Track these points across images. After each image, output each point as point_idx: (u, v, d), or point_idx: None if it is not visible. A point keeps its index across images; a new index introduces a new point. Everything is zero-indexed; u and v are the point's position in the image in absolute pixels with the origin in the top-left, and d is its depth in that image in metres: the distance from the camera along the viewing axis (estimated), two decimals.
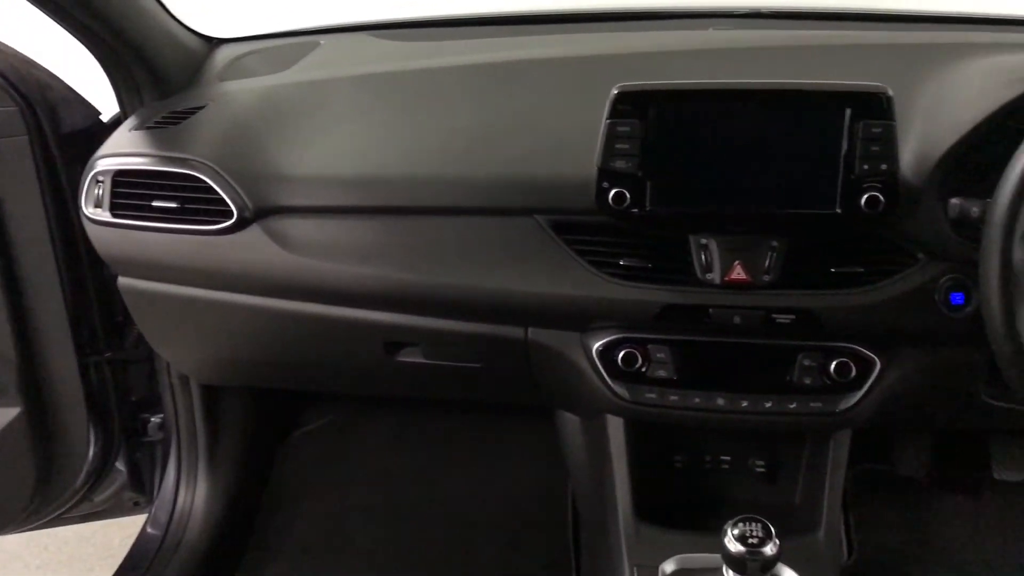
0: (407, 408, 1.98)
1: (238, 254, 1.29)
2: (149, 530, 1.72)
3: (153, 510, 1.73)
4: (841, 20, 1.55)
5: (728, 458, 1.38)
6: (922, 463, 1.79)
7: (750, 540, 1.00)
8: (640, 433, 1.31)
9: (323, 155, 1.29)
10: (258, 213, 1.27)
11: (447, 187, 1.23)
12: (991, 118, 1.09)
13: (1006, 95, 1.08)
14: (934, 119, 1.15)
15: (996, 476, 1.78)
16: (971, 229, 1.01)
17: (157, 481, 1.75)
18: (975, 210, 1.03)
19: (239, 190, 1.27)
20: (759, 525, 1.01)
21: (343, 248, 1.26)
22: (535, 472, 1.86)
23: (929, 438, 1.78)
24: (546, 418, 1.63)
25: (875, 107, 1.08)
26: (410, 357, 1.37)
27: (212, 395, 1.73)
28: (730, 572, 1.05)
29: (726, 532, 1.02)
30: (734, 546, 1.01)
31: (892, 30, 1.48)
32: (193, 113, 1.38)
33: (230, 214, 1.27)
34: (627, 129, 1.12)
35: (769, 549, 1.00)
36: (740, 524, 1.02)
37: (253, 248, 1.28)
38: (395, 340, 1.35)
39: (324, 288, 1.28)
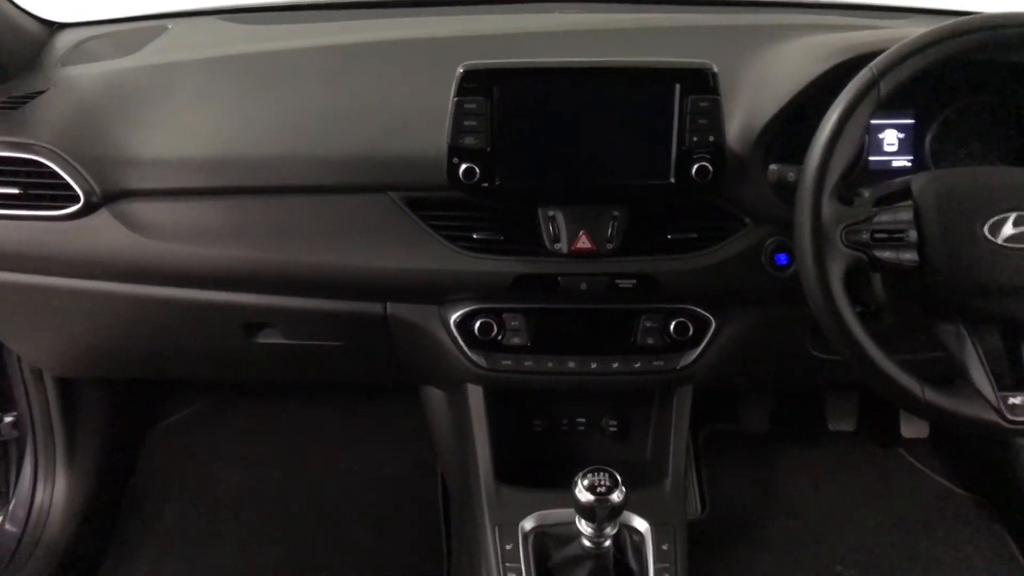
0: (272, 395, 1.98)
1: (87, 239, 1.27)
2: (7, 527, 1.66)
3: (10, 508, 1.68)
4: (675, 3, 1.64)
5: (583, 420, 1.45)
6: (764, 420, 1.92)
7: (598, 489, 1.07)
8: (499, 400, 1.37)
9: (171, 137, 1.28)
10: (106, 197, 1.26)
11: (299, 166, 1.25)
12: (805, 91, 1.18)
13: (817, 70, 1.19)
14: (756, 94, 1.24)
15: (831, 428, 1.93)
16: (789, 193, 1.10)
17: (13, 479, 1.69)
18: (791, 175, 1.12)
19: (85, 174, 1.25)
20: (606, 475, 1.08)
21: (196, 230, 1.26)
22: (403, 451, 1.90)
23: (769, 397, 1.92)
24: (411, 398, 1.67)
25: (702, 83, 1.16)
26: (270, 338, 1.38)
27: (68, 388, 1.69)
28: (582, 521, 1.11)
29: (576, 483, 1.08)
30: (584, 496, 1.07)
31: (721, 13, 1.58)
32: (34, 97, 1.34)
33: (76, 199, 1.25)
34: (474, 107, 1.16)
35: (616, 496, 1.07)
36: (589, 475, 1.08)
37: (102, 233, 1.26)
38: (253, 321, 1.35)
39: (178, 271, 1.28)
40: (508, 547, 1.24)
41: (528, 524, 1.26)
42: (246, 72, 1.37)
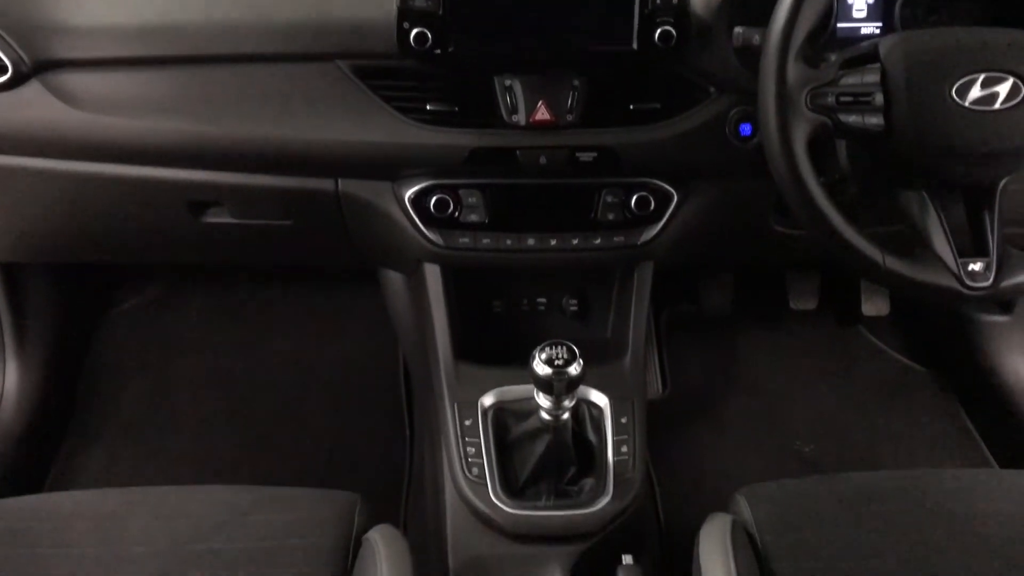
0: (228, 281, 1.94)
1: (18, 113, 1.20)
2: None
3: None
4: None
5: (543, 300, 1.43)
6: (726, 301, 1.92)
7: (556, 362, 1.05)
8: (457, 279, 1.34)
9: (105, 3, 1.20)
10: (36, 67, 1.18)
11: (241, 33, 1.18)
12: None
13: None
14: None
15: (792, 307, 1.93)
16: (754, 58, 1.06)
17: None
18: (756, 38, 1.07)
19: (12, 42, 1.17)
20: (564, 348, 1.07)
21: (133, 102, 1.19)
22: (364, 336, 1.88)
23: (731, 278, 1.91)
24: (370, 283, 1.64)
25: None
26: (217, 218, 1.33)
27: (14, 275, 1.64)
28: (540, 395, 1.10)
29: (534, 357, 1.07)
30: (541, 369, 1.06)
31: None
32: None
33: (4, 69, 1.17)
34: None
35: (574, 369, 1.06)
36: (547, 348, 1.07)
37: (35, 105, 1.19)
38: (199, 199, 1.31)
39: (116, 146, 1.22)
40: (467, 423, 1.23)
41: (487, 400, 1.25)
42: None
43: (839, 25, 1.29)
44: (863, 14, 1.29)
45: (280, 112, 1.19)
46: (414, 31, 1.11)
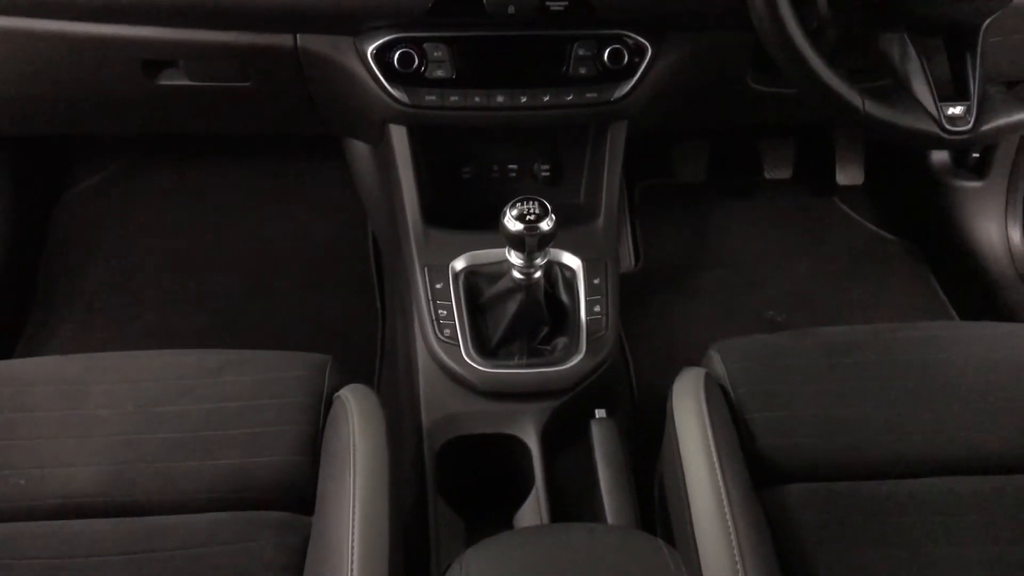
0: (189, 157, 1.88)
1: None
2: None
3: None
4: None
5: (515, 166, 1.39)
6: (701, 170, 1.90)
7: (528, 218, 1.03)
8: (425, 142, 1.30)
9: None
10: None
11: None
12: None
13: None
14: None
15: (767, 176, 1.91)
16: None
17: None
18: None
19: None
20: (536, 203, 1.04)
21: None
22: (332, 212, 1.83)
23: (706, 146, 1.88)
24: (337, 156, 1.59)
25: None
26: (173, 79, 1.27)
27: None
28: (512, 252, 1.08)
29: (505, 213, 1.04)
30: (513, 225, 1.03)
31: None
32: None
33: None
34: None
35: (545, 225, 1.03)
36: (518, 204, 1.04)
37: None
38: (153, 58, 1.24)
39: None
40: (438, 286, 1.21)
41: (458, 264, 1.23)
42: None
43: None
44: None
45: None
46: None
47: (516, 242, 1.05)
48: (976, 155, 1.76)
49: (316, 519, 0.92)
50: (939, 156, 1.80)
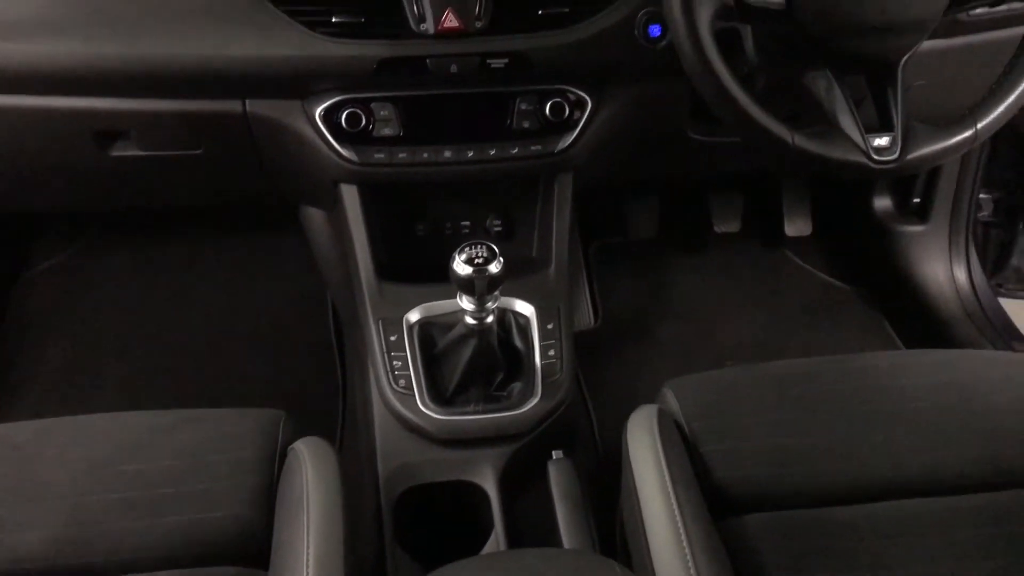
0: (150, 234, 1.89)
1: None
2: None
3: None
4: None
5: (467, 223, 1.42)
6: (652, 226, 1.94)
7: (476, 261, 1.05)
8: (377, 200, 1.32)
9: None
10: None
11: None
12: None
13: None
14: None
15: (717, 230, 1.96)
16: None
17: None
18: None
19: None
20: (484, 247, 1.06)
21: (25, 24, 1.14)
22: (290, 283, 1.84)
23: (656, 202, 1.93)
24: (292, 227, 1.61)
25: None
26: (125, 150, 1.29)
27: None
28: (463, 298, 1.10)
29: (454, 258, 1.06)
30: (462, 268, 1.05)
31: None
32: None
33: None
34: None
35: (494, 268, 1.05)
36: (467, 249, 1.06)
37: None
38: (105, 129, 1.26)
39: (13, 72, 1.17)
40: (393, 338, 1.22)
41: (413, 316, 1.24)
42: None
43: None
44: None
45: (182, 30, 1.16)
46: None
47: (466, 286, 1.07)
48: (917, 200, 1.82)
49: (271, 573, 0.90)
50: (882, 203, 1.86)
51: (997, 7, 1.21)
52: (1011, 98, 1.03)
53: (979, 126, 1.04)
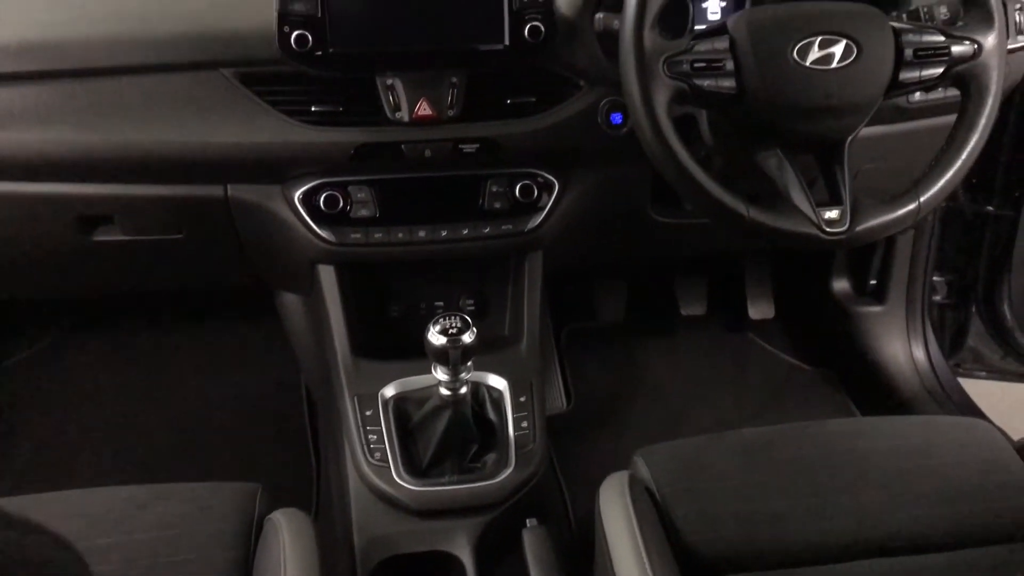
0: (123, 325, 1.91)
1: None
2: None
3: None
4: None
5: (441, 302, 1.46)
6: (620, 309, 1.99)
7: (450, 331, 1.09)
8: (353, 281, 1.36)
9: None
10: None
11: (124, 47, 1.20)
12: None
13: None
14: None
15: (683, 313, 2.01)
16: (615, 43, 1.13)
17: None
18: (616, 22, 1.16)
19: None
20: (458, 318, 1.10)
21: (16, 115, 1.20)
22: (264, 372, 1.86)
23: (624, 286, 1.98)
24: (269, 319, 1.64)
25: None
26: (107, 235, 1.33)
27: None
28: (438, 368, 1.13)
29: (429, 329, 1.10)
30: (436, 339, 1.09)
31: None
32: None
33: None
34: None
35: (467, 337, 1.09)
36: (441, 320, 1.10)
37: None
38: (88, 214, 1.30)
39: (3, 160, 1.21)
40: (368, 413, 1.24)
41: (388, 392, 1.27)
42: None
43: (696, 27, 1.39)
44: (717, 15, 1.40)
45: (167, 120, 1.21)
46: (295, 34, 1.15)
47: (440, 356, 1.10)
48: (873, 282, 1.89)
49: None
50: (841, 285, 1.93)
51: (932, 94, 1.31)
52: (950, 173, 1.10)
53: (922, 200, 1.10)
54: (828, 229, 1.08)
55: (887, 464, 1.09)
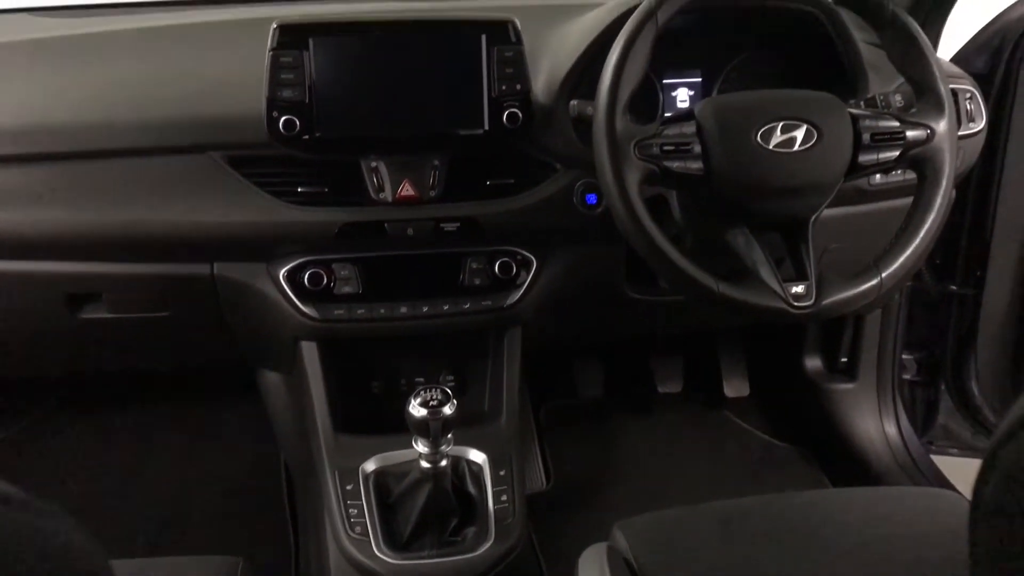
0: (103, 406, 1.91)
1: None
2: None
3: None
4: None
5: (421, 378, 1.48)
6: (598, 386, 2.02)
7: (431, 403, 1.11)
8: (335, 358, 1.39)
9: None
10: None
11: (117, 130, 1.25)
12: (598, 38, 1.29)
13: (608, 19, 1.30)
14: (558, 51, 1.35)
15: (660, 390, 2.04)
16: (589, 128, 1.19)
17: None
18: (589, 109, 1.22)
19: None
20: (438, 391, 1.13)
21: (11, 195, 1.24)
22: (244, 451, 1.86)
23: (601, 364, 2.02)
24: (249, 398, 1.65)
25: (505, 34, 1.25)
26: (95, 313, 1.36)
27: None
28: (418, 441, 1.15)
29: (410, 402, 1.12)
30: (417, 411, 1.11)
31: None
32: None
33: None
34: (290, 60, 1.20)
35: (448, 409, 1.11)
36: (422, 392, 1.13)
37: None
38: (77, 292, 1.33)
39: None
40: (349, 487, 1.25)
41: (369, 466, 1.28)
42: (57, 50, 1.37)
43: (667, 114, 1.46)
44: (686, 103, 1.48)
45: (156, 200, 1.25)
46: (283, 119, 1.21)
47: (421, 428, 1.12)
48: (844, 359, 1.93)
49: None
50: (813, 363, 1.97)
51: (891, 177, 1.38)
52: (909, 250, 1.16)
53: (884, 275, 1.15)
54: (795, 303, 1.13)
55: (860, 535, 1.11)
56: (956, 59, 1.74)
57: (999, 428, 0.52)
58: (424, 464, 1.16)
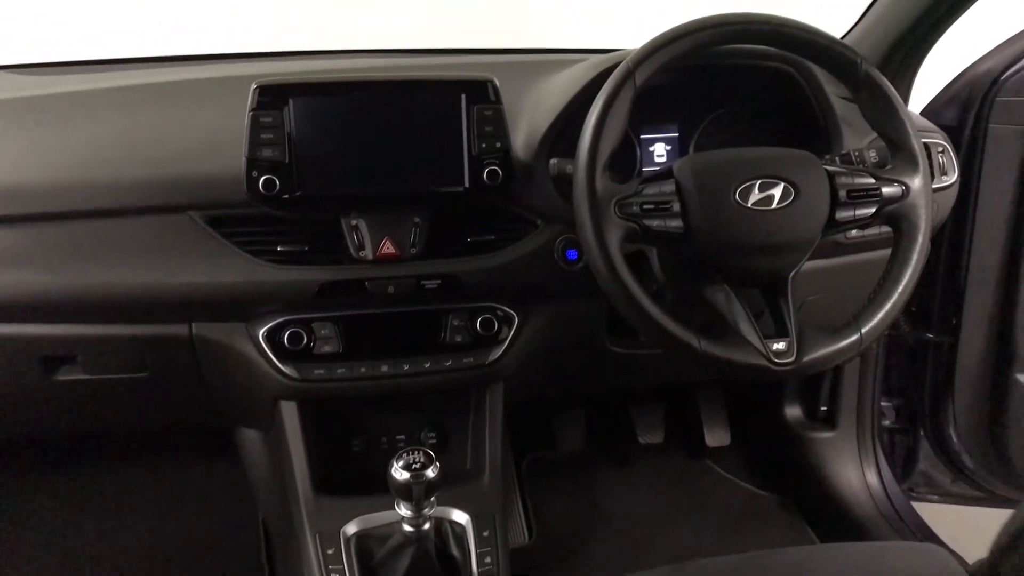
0: (79, 465, 1.87)
1: None
2: None
3: None
4: (467, 53, 1.79)
5: (402, 436, 1.47)
6: (580, 438, 2.01)
7: (414, 466, 1.10)
8: (315, 418, 1.37)
9: None
10: None
11: (93, 191, 1.24)
12: (577, 96, 1.31)
13: (587, 78, 1.32)
14: (537, 109, 1.36)
15: (641, 441, 2.04)
16: (569, 186, 1.20)
17: None
18: (569, 167, 1.22)
19: None
20: (421, 453, 1.12)
21: None
22: (221, 511, 1.83)
23: (582, 416, 2.01)
24: (227, 457, 1.63)
25: (484, 93, 1.26)
26: (71, 375, 1.33)
27: None
28: (401, 505, 1.13)
29: (392, 464, 1.11)
30: (400, 474, 1.10)
31: (507, 55, 1.72)
32: None
33: None
34: (270, 120, 1.20)
35: (431, 472, 1.10)
36: (404, 455, 1.11)
37: None
38: (53, 354, 1.31)
39: None
40: (330, 552, 1.23)
41: (350, 529, 1.26)
42: (34, 109, 1.36)
43: (644, 169, 1.48)
44: (664, 158, 1.50)
45: (134, 261, 1.24)
46: (263, 178, 1.20)
47: (404, 491, 1.11)
48: (824, 408, 1.94)
49: None
50: (793, 412, 1.97)
51: (867, 231, 1.39)
52: (888, 306, 1.17)
53: (863, 331, 1.16)
54: (777, 360, 1.13)
55: None
56: (926, 112, 1.78)
57: (997, 538, 0.51)
58: (407, 528, 1.15)
